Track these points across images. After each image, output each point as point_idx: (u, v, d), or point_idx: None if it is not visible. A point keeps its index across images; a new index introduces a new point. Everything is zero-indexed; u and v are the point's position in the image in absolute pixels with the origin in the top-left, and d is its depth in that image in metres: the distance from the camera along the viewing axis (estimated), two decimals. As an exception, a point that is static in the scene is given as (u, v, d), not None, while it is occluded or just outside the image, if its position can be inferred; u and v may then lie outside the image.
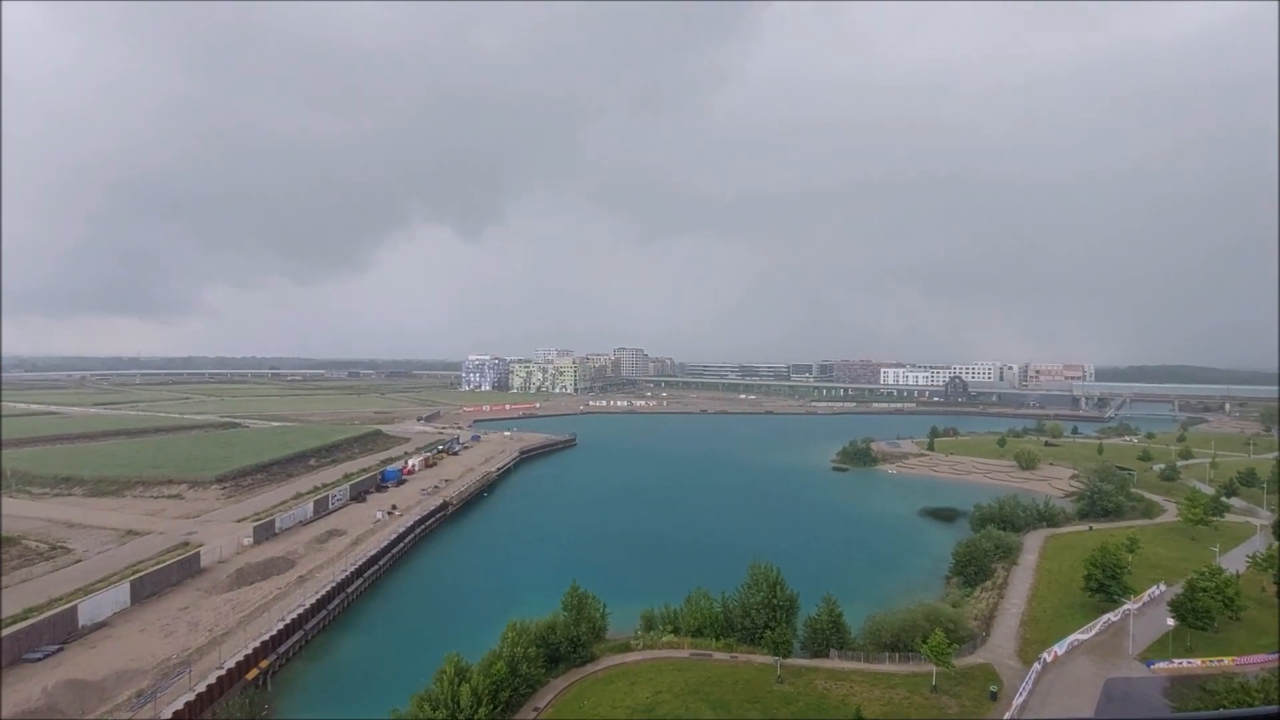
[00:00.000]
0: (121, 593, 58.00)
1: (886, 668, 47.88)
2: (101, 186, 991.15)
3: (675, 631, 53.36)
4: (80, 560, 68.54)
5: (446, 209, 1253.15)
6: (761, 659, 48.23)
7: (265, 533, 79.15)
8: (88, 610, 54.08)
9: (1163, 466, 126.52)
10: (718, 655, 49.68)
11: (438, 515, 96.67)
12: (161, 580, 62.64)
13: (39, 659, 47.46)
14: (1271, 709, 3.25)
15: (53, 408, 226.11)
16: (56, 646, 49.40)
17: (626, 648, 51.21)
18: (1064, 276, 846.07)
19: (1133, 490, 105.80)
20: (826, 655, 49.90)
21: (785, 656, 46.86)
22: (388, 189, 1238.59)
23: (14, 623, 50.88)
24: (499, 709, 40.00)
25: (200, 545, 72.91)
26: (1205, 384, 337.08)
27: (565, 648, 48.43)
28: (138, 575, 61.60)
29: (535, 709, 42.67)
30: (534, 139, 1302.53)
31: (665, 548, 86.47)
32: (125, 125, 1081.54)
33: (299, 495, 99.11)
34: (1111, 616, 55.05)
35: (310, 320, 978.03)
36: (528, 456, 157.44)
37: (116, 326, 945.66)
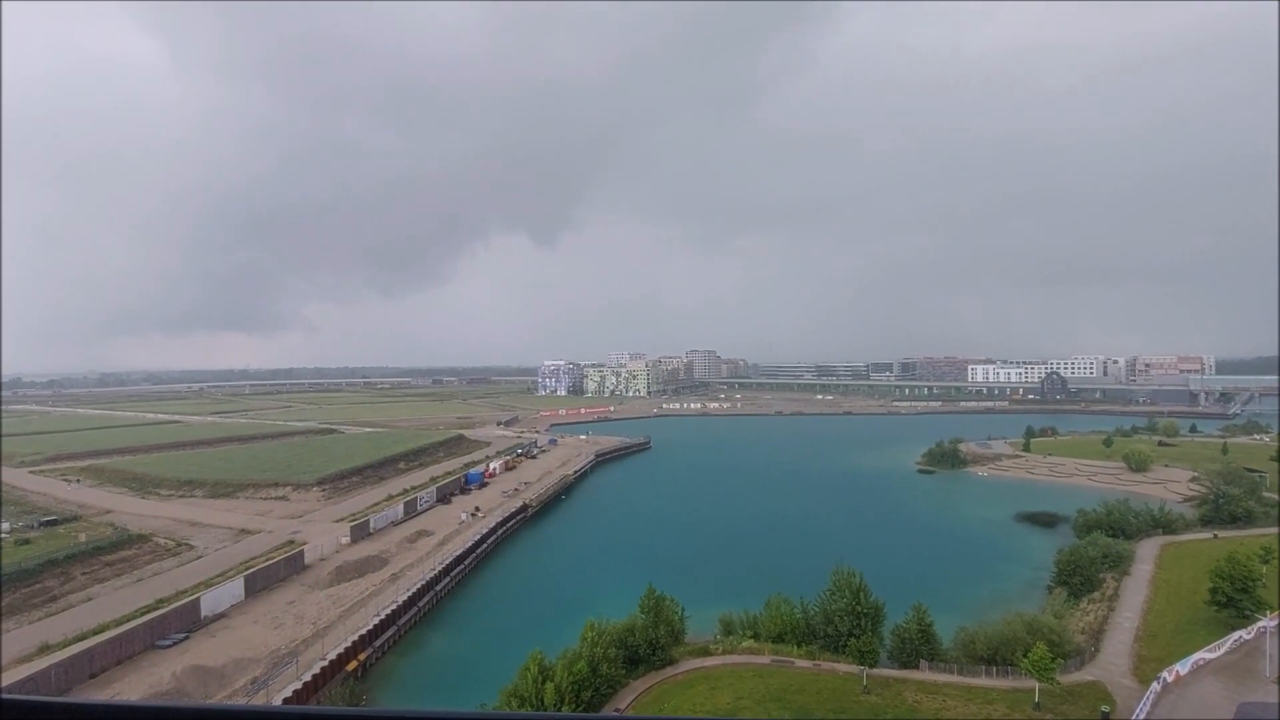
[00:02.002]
0: (237, 587, 62.95)
1: (983, 682, 45.23)
2: (209, 210, 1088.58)
3: (755, 637, 52.46)
4: (201, 556, 74.90)
5: (522, 217, 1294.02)
6: (846, 668, 46.66)
7: (361, 532, 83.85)
8: (209, 602, 58.98)
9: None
10: (800, 662, 48.47)
11: (518, 517, 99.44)
12: (271, 576, 67.53)
13: (168, 646, 52.10)
14: None
15: (176, 417, 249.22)
16: (184, 634, 54.13)
17: (706, 652, 50.83)
18: (1176, 260, 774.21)
19: (1265, 494, 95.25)
20: (916, 666, 47.69)
21: (871, 666, 45.16)
22: (468, 200, 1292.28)
23: (147, 612, 56.26)
24: (581, 708, 40.62)
25: (304, 544, 78.06)
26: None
27: (644, 650, 48.59)
28: (250, 571, 66.75)
29: (617, 709, 43.03)
30: (607, 142, 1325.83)
31: (742, 551, 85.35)
32: (228, 152, 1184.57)
33: (390, 497, 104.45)
34: (1244, 634, 49.71)
35: (397, 331, 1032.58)
36: (604, 459, 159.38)
37: (228, 341, 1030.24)
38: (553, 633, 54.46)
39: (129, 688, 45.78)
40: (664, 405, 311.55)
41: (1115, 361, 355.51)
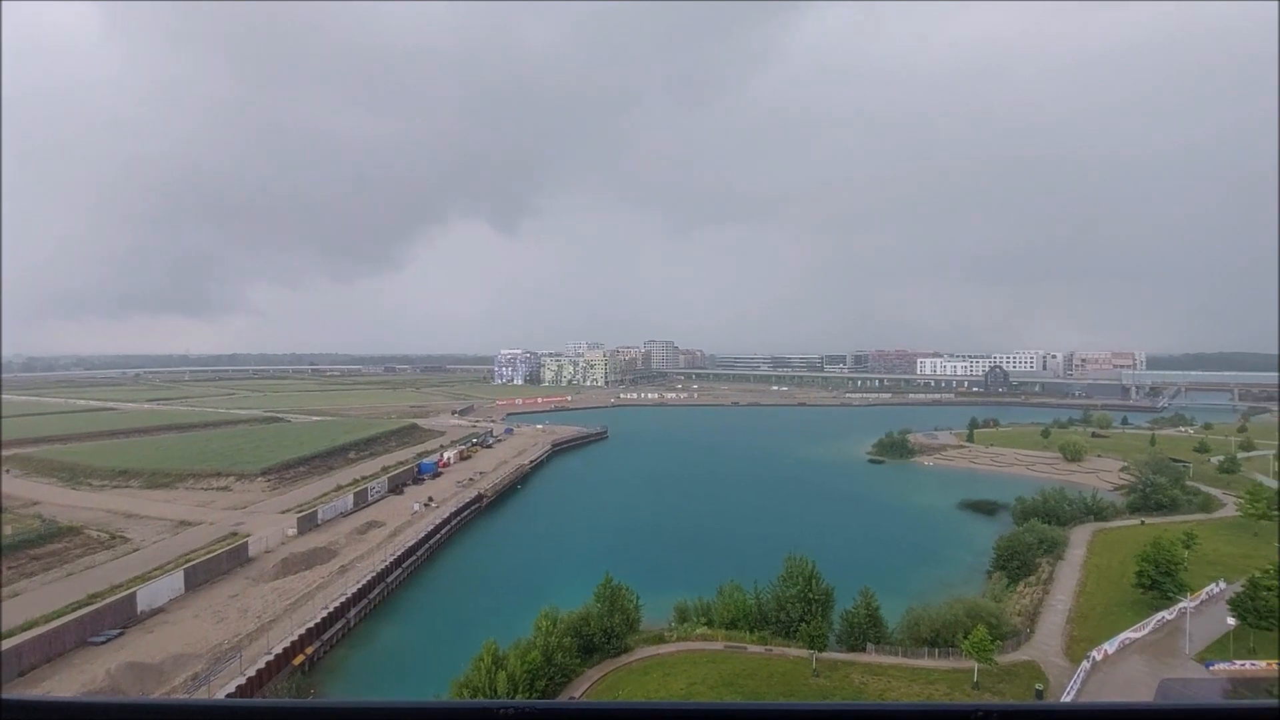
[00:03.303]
0: (176, 580, 60.46)
1: (926, 663, 47.04)
2: (152, 189, 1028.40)
3: (709, 624, 53.30)
4: (138, 549, 71.58)
5: (482, 202, 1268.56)
6: (796, 652, 47.86)
7: (308, 524, 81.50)
8: (145, 597, 56.50)
9: (1222, 459, 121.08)
10: (752, 648, 49.46)
11: (473, 507, 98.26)
12: (213, 569, 65.09)
13: (102, 642, 49.76)
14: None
15: (110, 404, 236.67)
16: (118, 631, 51.75)
17: (660, 639, 51.37)
18: (1114, 261, 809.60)
19: (1188, 483, 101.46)
20: (863, 650, 49.25)
21: (821, 650, 46.40)
22: (426, 185, 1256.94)
23: (79, 608, 53.44)
24: (535, 696, 40.53)
25: (248, 535, 75.40)
26: (1269, 372, 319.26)
27: (599, 639, 48.76)
28: (191, 564, 64.15)
29: (571, 698, 43.11)
30: (571, 130, 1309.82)
31: (697, 540, 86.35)
32: (174, 129, 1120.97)
33: (339, 487, 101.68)
34: (1166, 615, 53.00)
35: (348, 317, 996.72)
36: (560, 449, 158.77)
37: (168, 325, 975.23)
38: (507, 623, 54.03)
39: (61, 685, 43.72)
40: (621, 395, 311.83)
41: (1054, 356, 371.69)
